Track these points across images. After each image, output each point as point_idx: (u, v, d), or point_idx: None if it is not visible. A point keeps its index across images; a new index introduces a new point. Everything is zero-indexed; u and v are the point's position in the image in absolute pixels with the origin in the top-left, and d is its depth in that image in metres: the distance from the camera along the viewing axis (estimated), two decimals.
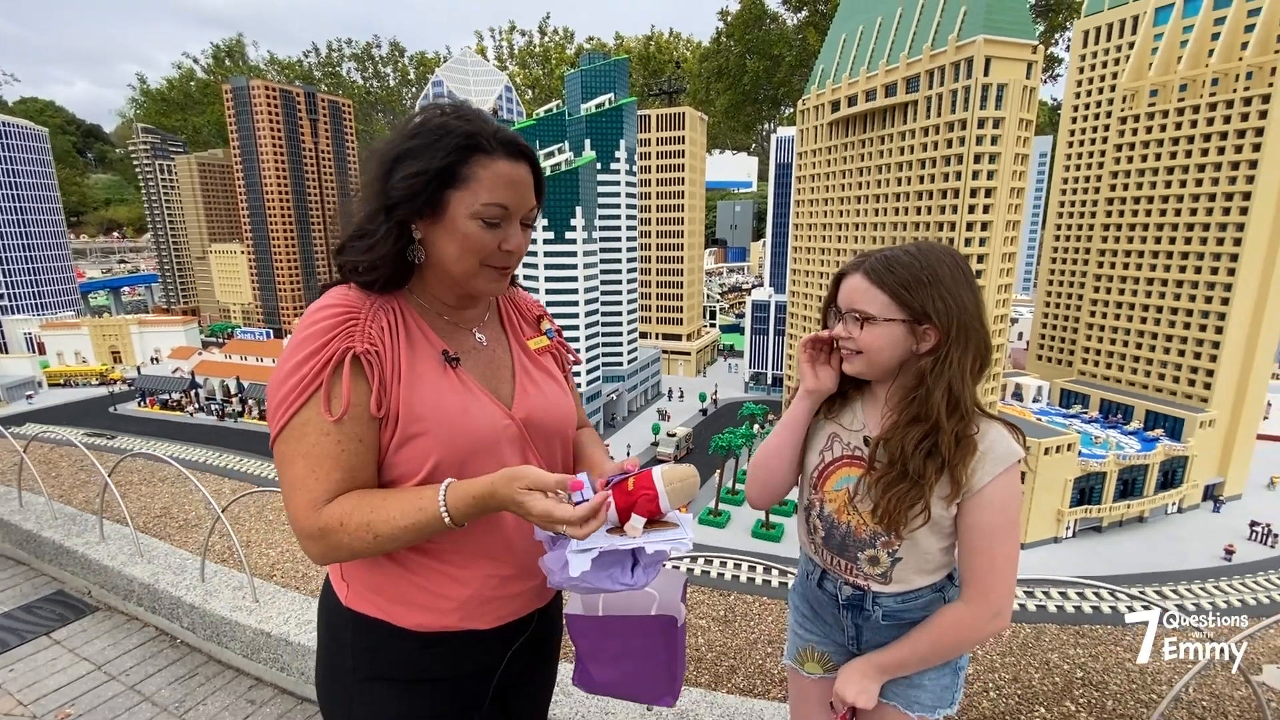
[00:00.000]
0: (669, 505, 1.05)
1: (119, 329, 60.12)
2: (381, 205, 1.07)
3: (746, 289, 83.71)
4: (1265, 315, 32.44)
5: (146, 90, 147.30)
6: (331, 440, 1.03)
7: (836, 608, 1.44)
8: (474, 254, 1.10)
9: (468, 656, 1.23)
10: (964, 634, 1.28)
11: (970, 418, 1.24)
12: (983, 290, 1.31)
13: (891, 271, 1.24)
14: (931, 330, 1.23)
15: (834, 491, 1.37)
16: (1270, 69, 30.76)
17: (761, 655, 4.57)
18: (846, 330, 1.29)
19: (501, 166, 1.07)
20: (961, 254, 1.31)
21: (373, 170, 1.09)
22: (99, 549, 3.69)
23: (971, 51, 31.73)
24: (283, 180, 69.82)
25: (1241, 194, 31.86)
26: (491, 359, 1.25)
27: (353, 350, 1.04)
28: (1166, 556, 27.34)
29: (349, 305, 1.09)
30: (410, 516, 1.02)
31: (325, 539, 1.03)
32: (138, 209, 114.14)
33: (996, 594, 1.24)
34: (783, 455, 1.41)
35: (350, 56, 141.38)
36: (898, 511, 1.23)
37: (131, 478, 5.88)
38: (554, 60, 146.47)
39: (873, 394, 1.38)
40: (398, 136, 1.09)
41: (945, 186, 33.73)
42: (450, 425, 1.09)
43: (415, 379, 1.09)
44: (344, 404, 1.03)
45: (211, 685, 2.96)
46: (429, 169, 1.04)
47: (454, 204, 1.06)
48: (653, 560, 1.08)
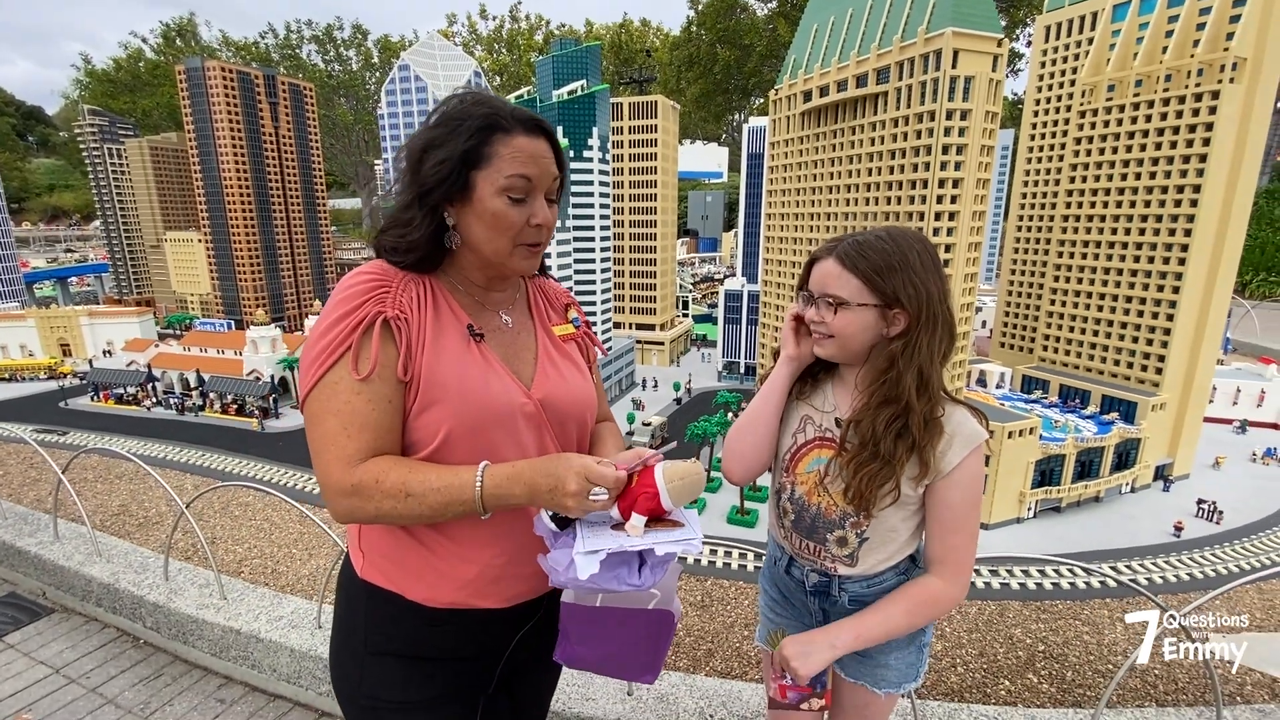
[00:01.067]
0: (671, 503, 1.03)
1: (68, 320, 57.38)
2: (415, 194, 1.13)
3: (719, 279, 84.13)
4: (1212, 303, 33.97)
5: (91, 71, 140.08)
6: (363, 399, 1.07)
7: (804, 593, 1.47)
8: (504, 232, 1.14)
9: (476, 637, 1.26)
10: (939, 606, 1.34)
11: (937, 400, 1.28)
12: (950, 279, 1.35)
13: (864, 257, 1.26)
14: (901, 315, 1.27)
15: (805, 474, 1.39)
16: (1219, 66, 32.00)
17: (739, 638, 4.66)
18: (819, 315, 1.31)
19: (520, 141, 1.12)
20: (928, 239, 1.34)
21: (405, 163, 1.16)
22: (53, 549, 3.55)
23: (940, 44, 32.23)
24: (241, 166, 67.20)
25: (1192, 187, 33.18)
26: (515, 340, 1.29)
27: (383, 314, 1.09)
28: (1120, 534, 28.57)
29: (382, 275, 1.14)
30: (445, 477, 1.07)
31: (358, 494, 1.06)
32: (85, 195, 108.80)
33: (967, 567, 1.32)
34: (762, 423, 1.42)
35: (310, 38, 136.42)
36: (869, 491, 1.27)
37: (87, 475, 5.66)
38: (522, 46, 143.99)
39: (841, 377, 1.41)
40: (423, 128, 1.15)
41: (914, 177, 34.34)
42: (467, 396, 1.13)
43: (439, 349, 1.13)
44: (372, 364, 1.07)
45: (178, 685, 2.89)
46: (453, 153, 1.10)
47: (480, 184, 1.12)
48: (661, 561, 1.06)
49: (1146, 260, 35.24)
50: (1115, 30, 37.73)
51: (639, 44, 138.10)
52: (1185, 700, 4.13)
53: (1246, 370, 42.58)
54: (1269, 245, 60.32)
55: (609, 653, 1.27)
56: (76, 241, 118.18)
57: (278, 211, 71.35)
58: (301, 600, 3.09)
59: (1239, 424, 40.18)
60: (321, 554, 5.11)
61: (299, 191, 73.59)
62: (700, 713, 2.46)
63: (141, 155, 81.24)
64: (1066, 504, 31.24)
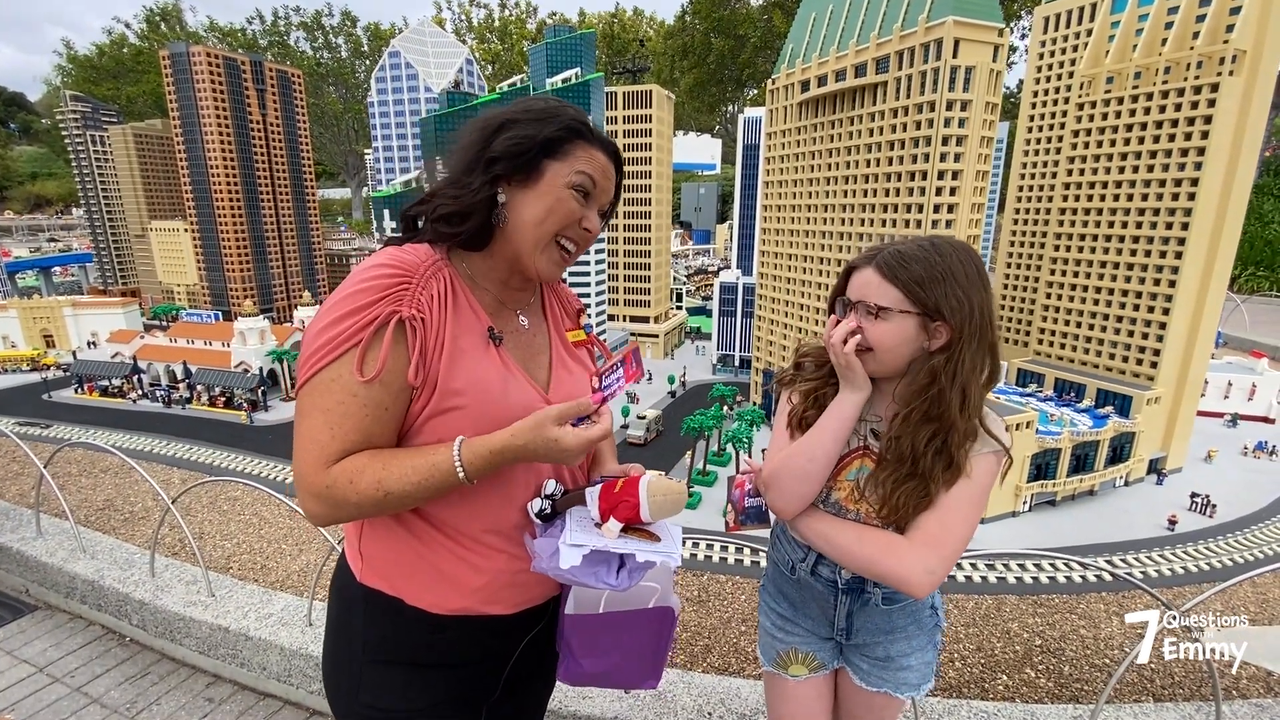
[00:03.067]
0: (649, 516, 1.07)
1: (51, 311, 56.64)
2: (480, 159, 1.12)
3: (713, 271, 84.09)
4: (1208, 297, 34.16)
5: (74, 57, 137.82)
6: (357, 403, 1.02)
7: (834, 594, 1.44)
8: (558, 219, 1.13)
9: (483, 643, 1.23)
10: (886, 558, 1.25)
11: (978, 420, 1.26)
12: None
13: (905, 267, 1.22)
14: (943, 327, 1.22)
15: (845, 481, 1.36)
16: (1219, 59, 31.99)
17: (736, 634, 4.63)
18: (857, 321, 1.27)
19: (599, 156, 1.17)
20: (975, 250, 1.28)
21: (473, 135, 1.15)
22: (36, 545, 3.48)
23: (941, 33, 32.09)
24: (229, 154, 66.28)
25: (1190, 180, 33.25)
26: (531, 343, 1.27)
27: (399, 315, 1.03)
28: (1115, 528, 28.84)
29: (404, 268, 1.08)
30: (422, 471, 1.02)
31: (331, 496, 1.02)
32: (68, 183, 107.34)
33: (940, 553, 1.23)
34: (825, 463, 1.34)
35: (299, 25, 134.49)
36: (905, 508, 1.25)
37: (70, 469, 5.56)
38: (514, 35, 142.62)
39: (878, 388, 1.36)
40: (502, 111, 1.15)
41: (913, 168, 34.28)
42: (488, 404, 1.09)
43: (458, 352, 1.09)
44: (379, 367, 1.01)
45: (165, 684, 2.84)
46: (536, 135, 1.11)
47: (550, 171, 1.13)
48: (640, 567, 1.10)
49: (1143, 254, 35.39)
50: (1115, 22, 37.67)
51: (632, 34, 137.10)
52: (1182, 694, 4.14)
53: (1238, 364, 42.97)
54: (1258, 240, 60.80)
55: (614, 663, 1.27)
56: (60, 231, 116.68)
57: (266, 201, 70.54)
58: (292, 597, 3.03)
59: (1230, 418, 40.61)
60: (312, 550, 5.06)
61: (287, 181, 72.75)
62: (698, 710, 2.43)
63: (125, 143, 79.93)
64: (1061, 498, 31.52)
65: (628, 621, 1.25)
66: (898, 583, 1.23)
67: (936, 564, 1.22)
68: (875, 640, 1.45)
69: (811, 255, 42.61)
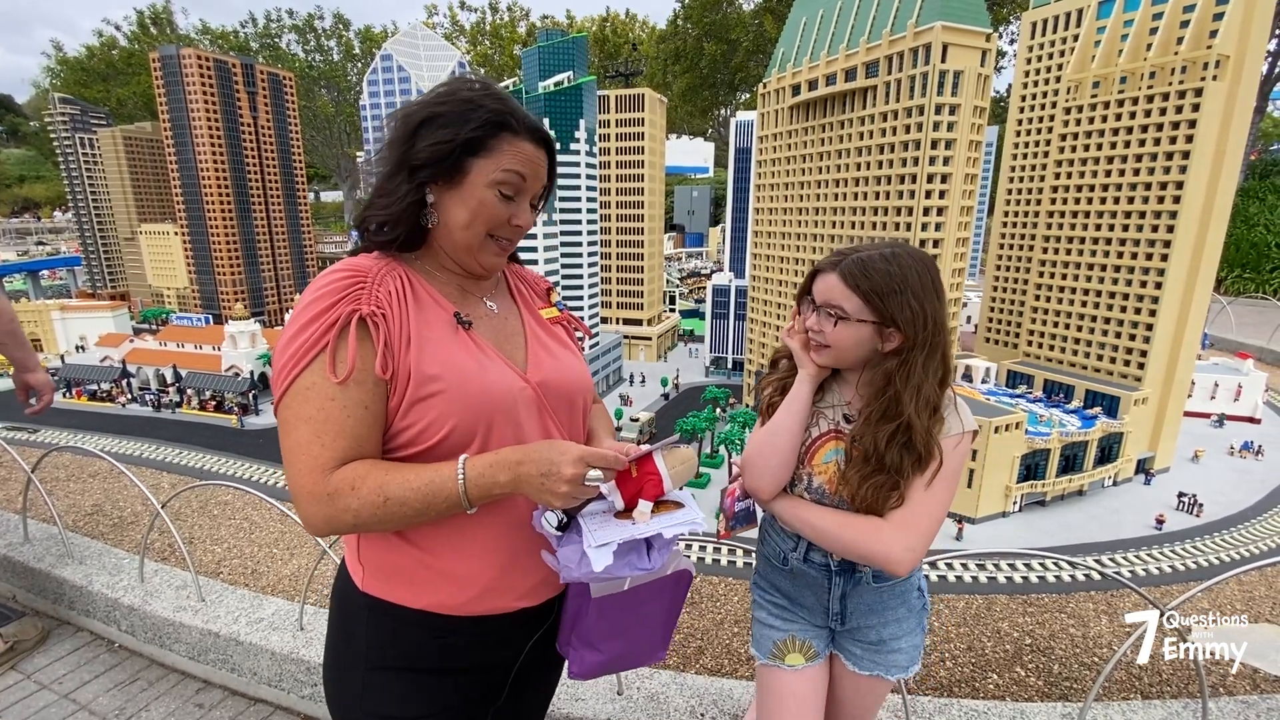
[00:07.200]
0: (672, 486, 1.10)
1: (39, 315, 55.87)
2: (404, 166, 1.11)
3: (706, 274, 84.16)
4: (1194, 298, 34.51)
5: (63, 59, 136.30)
6: (337, 406, 1.02)
7: (827, 577, 1.50)
8: (484, 222, 1.13)
9: (488, 646, 1.23)
10: (868, 539, 1.35)
11: (940, 416, 1.36)
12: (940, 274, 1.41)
13: (866, 277, 1.33)
14: (896, 334, 1.34)
15: (823, 464, 1.45)
16: (1202, 64, 32.41)
17: (728, 635, 4.64)
18: (819, 324, 1.38)
19: (526, 147, 1.14)
20: (933, 260, 1.41)
21: (396, 130, 1.12)
22: (23, 550, 3.44)
23: (930, 38, 32.35)
24: (219, 157, 65.76)
25: (1175, 184, 33.62)
26: (504, 325, 1.26)
27: (358, 312, 1.03)
28: (1103, 527, 29.01)
29: (358, 271, 1.09)
30: (424, 476, 1.02)
31: (333, 503, 1.01)
32: (56, 187, 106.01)
33: (917, 530, 1.34)
34: (789, 436, 1.45)
35: (291, 28, 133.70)
36: (876, 501, 1.35)
37: (58, 474, 5.51)
38: (506, 38, 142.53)
39: (843, 378, 1.49)
40: (424, 100, 1.13)
41: (903, 172, 34.51)
42: (466, 385, 1.09)
43: (425, 341, 1.09)
44: (349, 366, 1.02)
45: (155, 690, 2.81)
46: (456, 138, 1.08)
47: (475, 171, 1.11)
48: (667, 543, 1.14)
49: (1130, 256, 35.72)
50: (1100, 27, 38.08)
51: (623, 38, 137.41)
52: (1169, 692, 4.18)
53: (1224, 365, 43.37)
54: (1244, 243, 61.48)
55: (631, 640, 1.30)
56: (48, 234, 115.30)
57: (257, 204, 70.04)
58: (283, 601, 3.02)
59: (1217, 418, 40.97)
60: (304, 554, 5.03)
61: (279, 183, 72.30)
62: (691, 711, 2.44)
63: (115, 145, 79.08)
64: (1051, 498, 31.69)
65: (650, 591, 1.27)
66: (881, 562, 1.33)
67: (915, 540, 1.33)
68: (869, 624, 1.53)
69: (803, 258, 42.78)
